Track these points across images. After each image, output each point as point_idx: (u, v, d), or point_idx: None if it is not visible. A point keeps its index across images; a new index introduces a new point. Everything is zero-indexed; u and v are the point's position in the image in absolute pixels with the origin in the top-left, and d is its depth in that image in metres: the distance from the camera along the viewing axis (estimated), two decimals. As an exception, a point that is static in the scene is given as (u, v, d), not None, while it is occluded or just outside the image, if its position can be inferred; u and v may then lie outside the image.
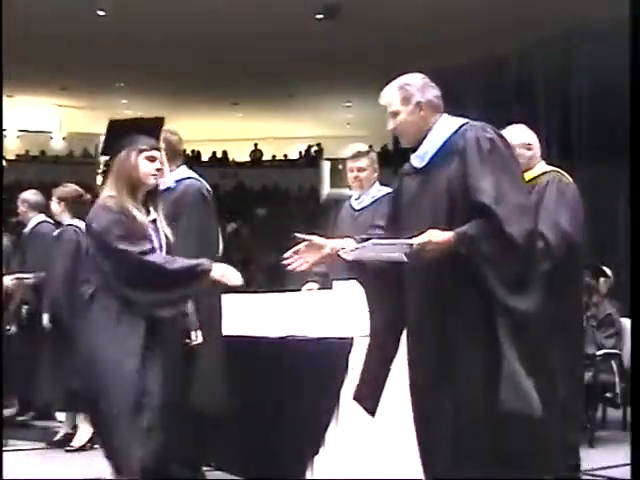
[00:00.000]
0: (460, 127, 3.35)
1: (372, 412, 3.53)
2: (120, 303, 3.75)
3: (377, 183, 5.42)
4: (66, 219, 6.30)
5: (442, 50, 12.85)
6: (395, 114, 3.43)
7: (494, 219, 3.10)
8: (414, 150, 3.44)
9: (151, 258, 3.79)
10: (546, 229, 4.36)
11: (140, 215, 3.86)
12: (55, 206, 6.37)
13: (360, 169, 5.35)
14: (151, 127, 4.04)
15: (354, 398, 3.56)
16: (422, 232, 3.13)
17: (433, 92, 3.44)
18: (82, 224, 6.23)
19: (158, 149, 3.95)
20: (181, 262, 3.83)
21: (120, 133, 3.96)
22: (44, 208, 6.84)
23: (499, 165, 3.22)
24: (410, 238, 3.14)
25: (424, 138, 3.40)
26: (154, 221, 3.93)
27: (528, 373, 3.04)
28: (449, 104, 3.49)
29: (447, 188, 3.25)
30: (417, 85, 3.42)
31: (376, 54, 14.70)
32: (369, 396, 3.52)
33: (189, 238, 4.46)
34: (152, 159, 3.90)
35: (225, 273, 3.80)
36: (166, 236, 3.95)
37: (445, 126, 3.38)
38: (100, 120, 24.19)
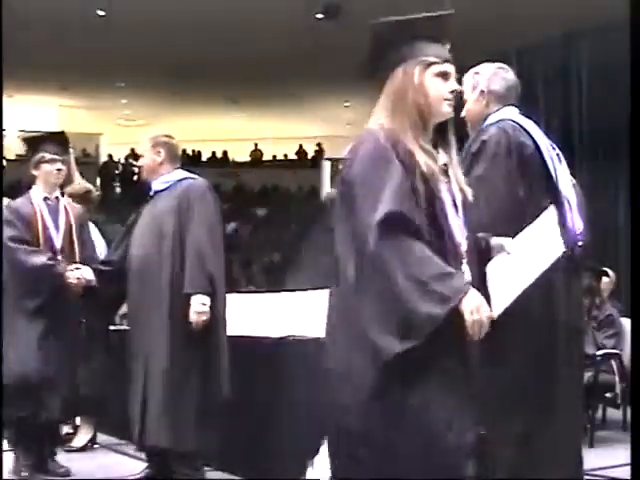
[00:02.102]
0: (493, 124, 3.34)
1: None
2: None
3: None
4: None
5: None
6: (465, 101, 3.45)
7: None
8: None
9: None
10: None
11: (432, 162, 2.63)
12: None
13: None
14: (436, 26, 2.79)
15: None
16: None
17: (501, 82, 3.43)
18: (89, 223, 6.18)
19: (449, 61, 2.75)
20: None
21: (393, 40, 2.80)
22: None
23: (472, 166, 3.21)
24: None
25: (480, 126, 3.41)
26: (445, 170, 2.70)
27: None
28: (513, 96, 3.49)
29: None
30: (486, 74, 3.43)
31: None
32: None
33: (202, 231, 4.48)
34: (445, 76, 2.72)
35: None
36: (462, 192, 2.71)
37: (490, 120, 3.37)
38: (100, 120, 24.15)
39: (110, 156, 24.60)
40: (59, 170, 5.21)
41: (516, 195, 3.25)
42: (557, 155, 3.49)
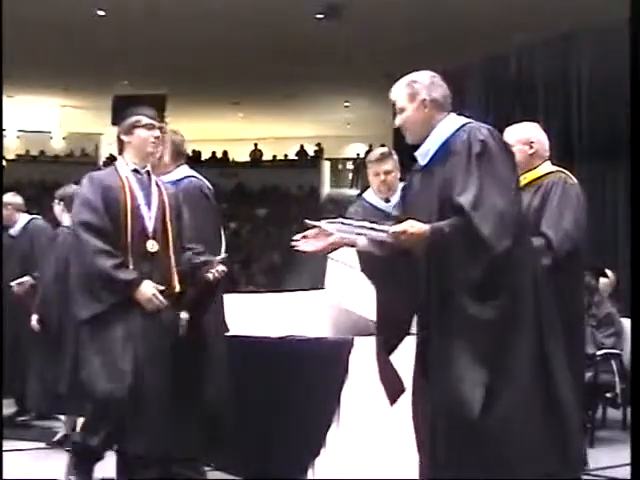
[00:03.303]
0: (460, 127, 3.37)
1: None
2: None
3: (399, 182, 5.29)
4: (65, 220, 6.18)
5: (442, 50, 12.86)
6: (402, 110, 3.47)
7: (470, 222, 3.14)
8: (417, 147, 3.47)
9: None
10: (549, 229, 4.38)
11: None
12: (56, 207, 6.29)
13: (387, 172, 5.14)
14: None
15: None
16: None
17: (440, 90, 3.46)
18: None
19: None
20: None
21: None
22: (25, 208, 7.10)
23: (485, 168, 3.24)
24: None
25: (427, 136, 3.42)
26: None
27: (485, 377, 3.08)
28: (449, 104, 3.51)
29: (441, 187, 3.31)
30: (424, 83, 3.45)
31: (376, 54, 14.70)
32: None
33: (189, 235, 4.45)
34: None
35: None
36: None
37: (447, 125, 3.40)
38: (100, 120, 24.27)
39: (112, 156, 24.61)
40: (156, 138, 4.28)
41: (514, 193, 3.32)
42: None
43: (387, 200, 5.18)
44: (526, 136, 4.67)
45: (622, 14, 5.00)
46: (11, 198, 7.12)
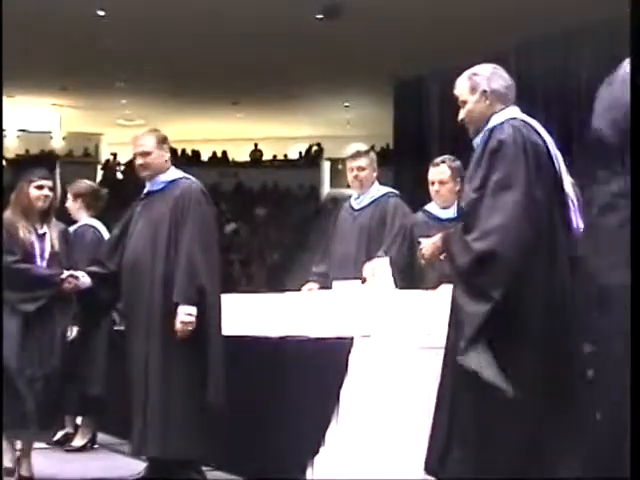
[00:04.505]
0: (502, 122, 3.34)
1: None
2: None
3: (376, 183, 5.49)
4: (82, 217, 6.01)
5: (442, 50, 12.86)
6: (464, 103, 3.44)
7: (462, 222, 3.23)
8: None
9: None
10: None
11: None
12: (71, 203, 6.02)
13: (360, 168, 5.43)
14: None
15: None
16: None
17: (501, 82, 3.43)
18: (99, 224, 6.09)
19: None
20: None
21: None
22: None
23: (494, 166, 3.22)
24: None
25: (483, 127, 3.41)
26: None
27: None
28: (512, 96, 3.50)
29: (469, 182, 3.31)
30: (485, 74, 3.43)
31: (376, 54, 14.70)
32: None
33: (194, 240, 4.45)
34: None
35: None
36: None
37: (498, 119, 3.36)
38: (100, 120, 24.11)
39: (115, 155, 24.58)
40: None
41: (534, 196, 3.27)
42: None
43: (357, 197, 5.49)
44: None
45: (622, 14, 4.99)
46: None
